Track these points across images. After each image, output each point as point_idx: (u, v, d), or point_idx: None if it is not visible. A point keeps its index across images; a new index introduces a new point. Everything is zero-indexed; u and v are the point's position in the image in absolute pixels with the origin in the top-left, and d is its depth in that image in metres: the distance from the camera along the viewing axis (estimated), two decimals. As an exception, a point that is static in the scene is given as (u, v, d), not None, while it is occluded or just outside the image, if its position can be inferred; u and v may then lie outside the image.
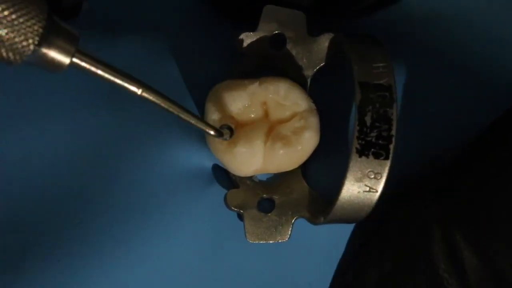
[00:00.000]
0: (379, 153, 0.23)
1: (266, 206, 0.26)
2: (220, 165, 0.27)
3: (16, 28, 0.16)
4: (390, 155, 0.23)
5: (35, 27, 0.16)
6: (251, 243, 0.26)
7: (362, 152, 0.22)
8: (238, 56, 0.27)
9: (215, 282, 0.27)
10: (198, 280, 0.27)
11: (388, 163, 0.23)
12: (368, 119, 0.22)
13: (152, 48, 0.27)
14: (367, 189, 0.23)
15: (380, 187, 0.23)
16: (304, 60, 0.27)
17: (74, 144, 0.26)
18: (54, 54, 0.17)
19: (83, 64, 0.18)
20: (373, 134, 0.22)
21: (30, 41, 0.16)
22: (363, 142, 0.22)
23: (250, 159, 0.25)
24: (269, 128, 0.25)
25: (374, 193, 0.23)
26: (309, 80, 0.27)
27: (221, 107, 0.25)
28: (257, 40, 0.26)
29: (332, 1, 0.27)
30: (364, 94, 0.23)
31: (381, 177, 0.23)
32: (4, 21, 0.16)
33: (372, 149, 0.22)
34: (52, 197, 0.26)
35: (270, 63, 0.27)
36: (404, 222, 0.25)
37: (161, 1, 0.28)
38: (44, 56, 0.17)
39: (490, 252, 0.23)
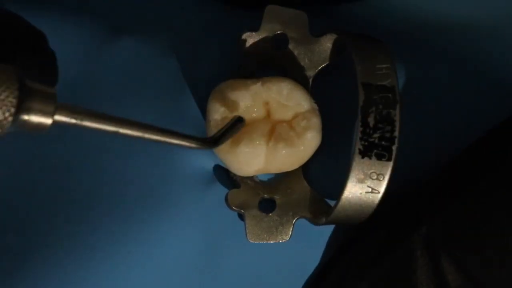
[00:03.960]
0: (382, 154, 0.23)
1: (267, 206, 0.26)
2: (221, 165, 0.27)
3: None
4: (393, 157, 0.23)
5: (9, 100, 0.15)
6: (252, 243, 0.26)
7: (364, 153, 0.23)
8: (240, 56, 0.27)
9: (215, 282, 0.27)
10: (198, 280, 0.27)
11: (390, 164, 0.23)
12: (371, 120, 0.22)
13: (154, 47, 0.27)
14: (369, 190, 0.23)
15: (382, 188, 0.23)
16: (306, 60, 0.27)
17: (74, 145, 0.26)
18: (34, 118, 0.16)
19: (66, 119, 0.17)
20: (376, 135, 0.22)
21: (7, 114, 0.15)
22: (366, 143, 0.22)
23: (253, 159, 0.25)
24: (271, 128, 0.25)
25: (376, 194, 0.23)
26: (310, 81, 0.27)
27: (224, 107, 0.25)
28: (259, 40, 0.26)
29: None
30: (367, 95, 0.23)
31: (383, 178, 0.23)
32: None
33: (375, 150, 0.23)
34: (53, 198, 0.26)
35: (272, 63, 0.27)
36: (386, 244, 0.25)
37: (163, 1, 0.28)
38: (25, 123, 0.16)
39: (477, 275, 0.23)
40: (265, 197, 0.27)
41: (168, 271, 0.27)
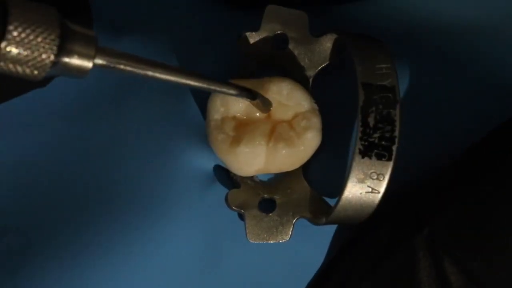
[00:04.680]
0: (382, 154, 0.23)
1: (267, 206, 0.26)
2: (221, 165, 0.27)
3: (32, 44, 0.15)
4: (393, 156, 0.23)
5: (51, 40, 0.16)
6: (252, 242, 0.26)
7: (365, 153, 0.23)
8: (240, 56, 0.27)
9: (216, 281, 0.27)
10: (199, 279, 0.27)
11: (391, 164, 0.23)
12: (371, 120, 0.22)
13: (154, 47, 0.27)
14: (370, 190, 0.23)
15: (382, 188, 0.23)
16: (306, 60, 0.27)
17: (77, 146, 0.26)
18: (75, 61, 0.16)
19: (106, 63, 0.17)
20: (376, 135, 0.22)
21: (48, 55, 0.16)
22: (366, 143, 0.22)
23: (253, 159, 0.25)
24: (271, 128, 0.25)
25: (377, 194, 0.23)
26: (311, 80, 0.27)
27: (224, 107, 0.25)
28: (259, 40, 0.26)
29: None
30: (367, 95, 0.23)
31: (383, 178, 0.23)
32: (18, 40, 0.15)
33: (375, 150, 0.23)
34: (56, 198, 0.26)
35: (272, 63, 0.27)
36: (388, 244, 0.25)
37: (164, 1, 0.28)
38: (66, 65, 0.16)
39: (479, 275, 0.23)
40: (265, 197, 0.27)
41: (169, 271, 0.27)
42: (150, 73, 0.18)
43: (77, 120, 0.26)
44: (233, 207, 0.26)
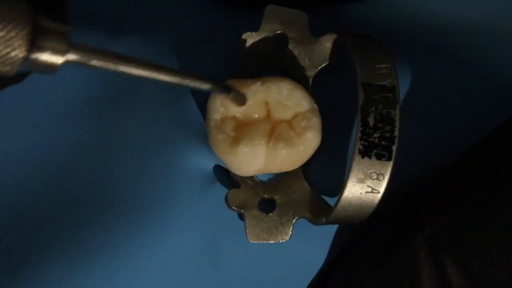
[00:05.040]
0: (382, 154, 0.23)
1: (267, 206, 0.26)
2: (221, 165, 0.27)
3: (3, 40, 0.15)
4: (393, 156, 0.23)
5: (22, 36, 0.15)
6: (252, 243, 0.26)
7: (364, 153, 0.23)
8: (240, 56, 0.27)
9: (216, 281, 0.27)
10: (199, 279, 0.27)
11: (390, 164, 0.23)
12: (371, 120, 0.23)
13: (154, 47, 0.27)
14: (369, 190, 0.23)
15: (382, 188, 0.23)
16: (306, 60, 0.27)
17: (77, 146, 0.26)
18: (47, 57, 0.16)
19: (78, 59, 0.17)
20: (376, 135, 0.23)
21: (20, 50, 0.15)
22: (365, 143, 0.22)
23: (253, 159, 0.25)
24: (271, 128, 0.25)
25: (376, 194, 0.23)
26: (310, 80, 0.27)
27: (224, 107, 0.25)
28: (259, 40, 0.26)
29: None
30: (367, 95, 0.23)
31: (383, 178, 0.23)
32: None
33: (375, 150, 0.23)
34: (56, 198, 0.26)
35: (272, 63, 0.27)
36: (389, 245, 0.25)
37: (164, 1, 0.28)
38: (36, 61, 0.16)
39: (480, 276, 0.23)
40: (265, 197, 0.27)
41: (169, 271, 0.27)
42: (122, 68, 0.18)
43: (77, 120, 0.26)
44: (233, 207, 0.26)
